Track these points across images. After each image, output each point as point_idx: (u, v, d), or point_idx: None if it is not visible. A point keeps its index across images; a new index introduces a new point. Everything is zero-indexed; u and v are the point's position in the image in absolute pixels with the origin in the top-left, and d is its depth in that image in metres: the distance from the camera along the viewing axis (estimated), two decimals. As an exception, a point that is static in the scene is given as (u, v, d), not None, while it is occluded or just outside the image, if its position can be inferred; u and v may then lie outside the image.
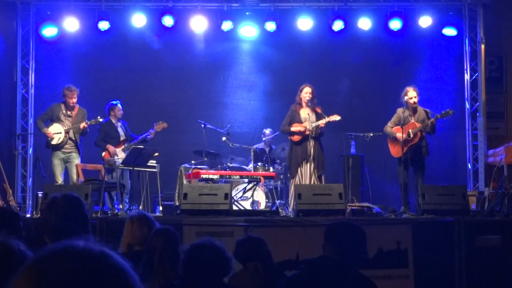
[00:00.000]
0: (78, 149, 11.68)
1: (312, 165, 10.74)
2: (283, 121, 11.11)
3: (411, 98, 10.72)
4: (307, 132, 10.75)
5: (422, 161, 10.79)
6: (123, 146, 11.76)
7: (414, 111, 10.75)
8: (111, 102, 12.09)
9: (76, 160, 11.62)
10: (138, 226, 5.25)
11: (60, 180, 11.49)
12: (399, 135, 10.68)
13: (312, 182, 10.64)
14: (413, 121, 10.69)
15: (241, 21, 13.77)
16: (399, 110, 10.92)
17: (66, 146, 11.61)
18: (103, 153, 11.75)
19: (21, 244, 2.48)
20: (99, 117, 11.67)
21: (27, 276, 1.28)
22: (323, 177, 10.86)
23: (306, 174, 10.78)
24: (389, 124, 10.97)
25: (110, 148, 11.66)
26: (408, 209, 10.35)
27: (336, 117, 10.82)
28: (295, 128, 10.88)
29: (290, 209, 10.69)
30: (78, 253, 1.30)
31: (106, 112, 12.01)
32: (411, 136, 10.54)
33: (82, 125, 11.48)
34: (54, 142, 11.53)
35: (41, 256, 1.31)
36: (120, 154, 11.59)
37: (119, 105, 12.07)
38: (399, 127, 10.77)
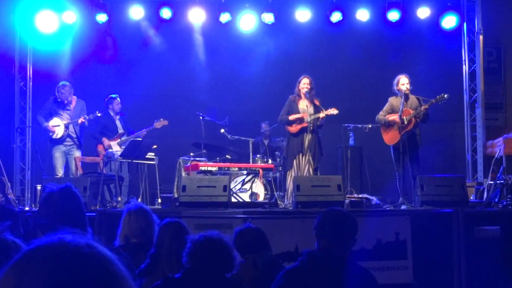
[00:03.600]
0: (79, 142, 11.70)
1: (308, 157, 10.73)
2: (282, 111, 11.11)
3: (403, 84, 10.74)
4: (305, 124, 10.75)
5: (416, 150, 10.77)
6: (118, 140, 11.76)
7: (406, 98, 10.74)
8: (110, 96, 12.11)
9: (77, 153, 11.65)
10: (136, 219, 5.26)
11: (60, 173, 11.52)
12: (391, 118, 10.69)
13: (307, 174, 10.64)
14: (406, 108, 10.68)
15: (239, 13, 13.73)
16: (391, 99, 10.97)
17: (68, 139, 11.64)
18: (98, 146, 11.78)
19: (17, 238, 2.48)
20: (97, 112, 11.68)
21: (11, 270, 1.29)
22: (318, 171, 10.85)
23: (302, 166, 10.78)
24: (381, 113, 10.99)
25: (105, 141, 11.68)
26: (407, 201, 10.35)
27: (334, 111, 10.82)
28: (293, 116, 10.87)
29: (286, 201, 10.68)
30: (62, 246, 1.30)
31: (105, 105, 12.02)
32: (405, 122, 10.54)
33: (80, 120, 11.49)
34: (55, 136, 11.54)
35: (27, 250, 1.32)
36: (115, 148, 11.60)
37: (118, 99, 12.08)
38: (391, 114, 10.79)
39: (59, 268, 1.26)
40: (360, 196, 10.67)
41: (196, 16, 13.62)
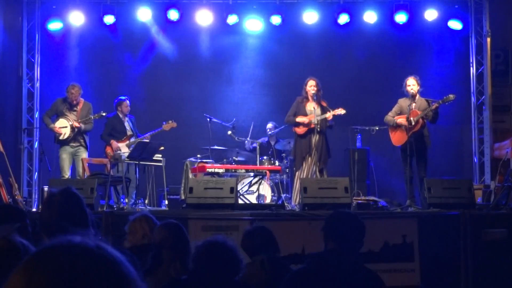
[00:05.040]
0: (85, 143, 11.70)
1: (315, 158, 10.73)
2: (288, 111, 11.12)
3: (409, 86, 10.75)
4: (312, 125, 10.75)
5: (424, 151, 10.74)
6: (127, 142, 11.75)
7: (413, 100, 10.74)
8: (120, 97, 12.09)
9: (84, 154, 11.64)
10: (140, 225, 5.34)
11: (67, 174, 11.52)
12: (400, 120, 10.67)
13: (314, 175, 10.63)
14: (413, 109, 10.68)
15: (247, 15, 13.75)
16: (400, 100, 10.97)
17: (74, 140, 11.64)
18: (106, 148, 11.79)
19: (25, 240, 2.48)
20: (102, 111, 11.68)
21: (21, 271, 1.29)
22: (324, 171, 10.83)
23: (309, 167, 10.77)
24: (390, 114, 10.98)
25: (114, 143, 11.67)
26: (414, 203, 10.33)
27: (341, 111, 10.83)
28: (300, 119, 10.88)
29: (293, 202, 10.68)
30: (72, 247, 1.31)
31: (114, 106, 12.02)
32: (413, 123, 10.53)
33: (75, 124, 11.48)
34: (61, 137, 11.55)
35: (36, 252, 1.32)
36: (124, 149, 11.59)
37: (127, 101, 12.05)
38: (399, 116, 10.78)
39: (69, 269, 1.26)
40: (367, 198, 10.67)
41: (204, 18, 13.65)
